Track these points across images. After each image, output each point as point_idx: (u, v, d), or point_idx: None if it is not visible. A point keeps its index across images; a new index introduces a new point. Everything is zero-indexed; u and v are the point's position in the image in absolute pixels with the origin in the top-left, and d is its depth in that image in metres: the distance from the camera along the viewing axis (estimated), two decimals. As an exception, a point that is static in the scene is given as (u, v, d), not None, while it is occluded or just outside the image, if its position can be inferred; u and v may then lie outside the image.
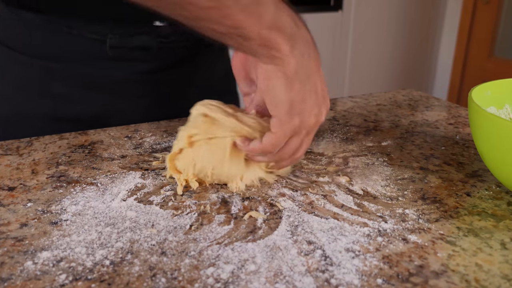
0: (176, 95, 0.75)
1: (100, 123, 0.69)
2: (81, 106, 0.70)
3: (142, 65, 0.70)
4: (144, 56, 0.69)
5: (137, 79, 0.71)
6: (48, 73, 0.67)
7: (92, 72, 0.68)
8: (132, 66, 0.70)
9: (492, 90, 0.56)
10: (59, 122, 0.69)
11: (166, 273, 0.36)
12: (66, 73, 0.68)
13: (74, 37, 0.65)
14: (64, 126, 0.67)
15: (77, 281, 0.35)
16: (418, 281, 0.36)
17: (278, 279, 0.36)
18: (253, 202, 0.47)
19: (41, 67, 0.67)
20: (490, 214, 0.46)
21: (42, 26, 0.65)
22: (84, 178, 0.52)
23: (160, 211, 0.45)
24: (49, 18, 0.64)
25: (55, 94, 0.68)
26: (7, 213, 0.45)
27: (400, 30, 2.81)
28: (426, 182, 0.52)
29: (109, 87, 0.70)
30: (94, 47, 0.66)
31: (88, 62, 0.68)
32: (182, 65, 0.74)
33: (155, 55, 0.70)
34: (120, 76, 0.70)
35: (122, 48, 0.67)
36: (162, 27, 0.67)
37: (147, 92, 0.72)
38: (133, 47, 0.68)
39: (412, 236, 0.41)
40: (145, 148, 0.61)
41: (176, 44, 0.71)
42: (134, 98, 0.72)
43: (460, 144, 0.64)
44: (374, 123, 0.72)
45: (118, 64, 0.69)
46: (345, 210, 0.46)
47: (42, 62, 0.67)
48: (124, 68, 0.69)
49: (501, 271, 0.37)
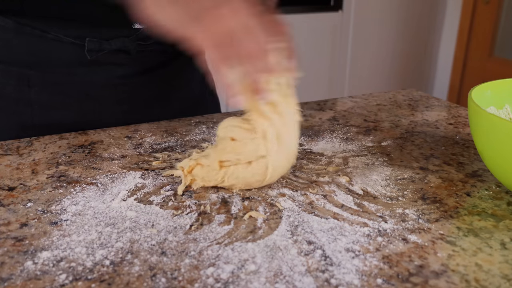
0: (156, 98, 0.75)
1: (79, 129, 0.68)
2: (60, 113, 0.68)
3: (122, 69, 0.69)
4: (123, 60, 0.68)
5: (117, 83, 0.70)
6: (25, 81, 0.65)
7: (70, 78, 0.67)
8: (111, 71, 0.68)
9: (492, 90, 0.56)
10: (38, 130, 0.67)
11: (166, 273, 0.36)
12: (43, 80, 0.66)
13: (50, 41, 0.64)
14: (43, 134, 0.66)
15: (77, 281, 0.35)
16: (418, 281, 0.36)
17: (278, 279, 0.36)
18: (253, 202, 0.47)
19: (17, 74, 0.65)
20: (490, 214, 0.46)
21: (15, 30, 0.63)
22: (84, 178, 0.52)
23: (160, 211, 0.45)
24: (21, 21, 0.63)
25: (33, 102, 0.66)
26: (7, 213, 0.45)
27: (400, 30, 2.81)
28: (426, 182, 0.52)
29: (88, 92, 0.68)
30: (72, 51, 0.65)
31: (66, 68, 0.66)
32: (162, 68, 0.73)
33: (135, 59, 0.69)
34: (99, 81, 0.68)
35: (101, 51, 0.66)
36: (141, 29, 0.67)
37: (127, 96, 0.71)
38: (112, 51, 0.66)
39: (412, 236, 0.41)
40: (145, 148, 0.61)
41: (156, 47, 0.70)
42: (114, 103, 0.71)
43: (460, 144, 0.64)
44: (374, 123, 0.72)
45: (96, 69, 0.67)
46: (345, 210, 0.46)
47: (18, 69, 0.65)
48: (103, 72, 0.68)
49: (501, 271, 0.37)
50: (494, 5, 2.66)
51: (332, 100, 0.84)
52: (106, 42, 0.66)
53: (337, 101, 0.84)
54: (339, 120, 0.73)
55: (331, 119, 0.73)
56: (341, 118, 0.74)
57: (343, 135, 0.67)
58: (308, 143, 0.63)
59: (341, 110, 0.78)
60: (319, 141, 0.64)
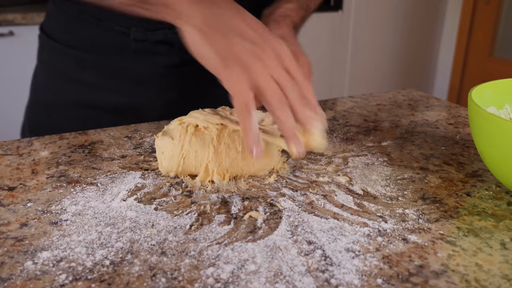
0: (199, 90, 0.77)
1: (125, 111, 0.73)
2: (109, 95, 0.73)
3: (165, 59, 0.72)
4: (166, 51, 0.71)
5: (161, 72, 0.73)
6: (80, 62, 0.73)
7: (118, 64, 0.72)
8: (155, 60, 0.72)
9: (492, 90, 0.56)
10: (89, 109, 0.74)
11: (166, 273, 0.36)
12: (96, 63, 0.72)
13: (104, 29, 0.69)
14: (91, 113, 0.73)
15: (77, 281, 0.35)
16: (418, 281, 0.36)
17: (278, 279, 0.36)
18: (253, 202, 0.47)
19: (74, 56, 0.73)
20: (490, 214, 0.46)
21: (77, 17, 0.70)
22: (84, 178, 0.52)
23: (160, 211, 0.45)
24: (82, 8, 0.69)
25: (85, 82, 0.73)
26: (7, 213, 0.45)
27: (400, 30, 2.81)
28: (426, 182, 0.52)
29: (134, 79, 0.73)
30: (121, 40, 0.70)
31: (114, 54, 0.71)
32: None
33: (178, 50, 0.71)
34: (145, 68, 0.72)
35: (146, 41, 0.70)
36: None
37: (171, 86, 0.75)
38: (156, 41, 0.70)
39: (412, 236, 0.41)
40: (145, 148, 0.61)
41: None
42: (158, 91, 0.75)
43: (460, 144, 0.64)
44: (374, 123, 0.72)
45: (142, 57, 0.72)
46: (345, 210, 0.46)
47: (76, 52, 0.72)
48: (148, 61, 0.72)
49: (501, 271, 0.37)
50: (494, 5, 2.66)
51: (332, 100, 0.84)
52: (151, 33, 0.69)
53: (337, 101, 0.84)
54: (339, 120, 0.73)
55: (331, 119, 0.73)
56: (341, 118, 0.74)
57: (343, 135, 0.67)
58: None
59: (341, 110, 0.78)
60: (319, 141, 0.64)
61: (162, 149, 0.52)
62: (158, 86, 0.74)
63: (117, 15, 0.67)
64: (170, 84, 0.75)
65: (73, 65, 0.73)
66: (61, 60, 0.74)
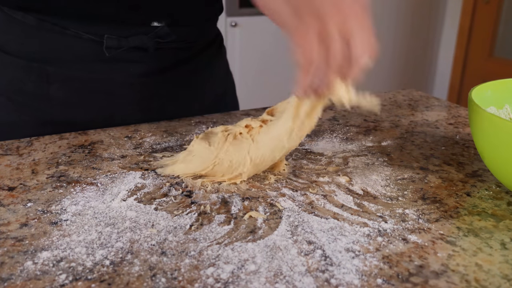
0: (174, 97, 0.74)
1: (98, 126, 0.68)
2: (78, 110, 0.69)
3: (140, 67, 0.69)
4: (141, 57, 0.68)
5: (135, 81, 0.70)
6: (45, 77, 0.66)
7: (88, 75, 0.67)
8: (129, 68, 0.68)
9: (492, 90, 0.56)
10: (58, 126, 0.68)
11: (166, 273, 0.36)
12: (62, 77, 0.66)
13: (69, 37, 0.64)
14: (61, 130, 0.67)
15: (77, 281, 0.35)
16: (418, 281, 0.36)
17: (278, 279, 0.36)
18: (253, 202, 0.47)
19: (37, 70, 0.66)
20: (490, 214, 0.46)
21: (36, 26, 0.64)
22: (84, 178, 0.52)
23: (160, 211, 0.45)
24: (42, 17, 0.63)
25: (52, 98, 0.67)
26: (7, 213, 0.45)
27: (400, 30, 2.81)
28: (426, 182, 0.52)
29: (106, 90, 0.69)
30: (90, 48, 0.65)
31: (84, 64, 0.66)
32: (180, 66, 0.73)
33: (153, 56, 0.69)
34: (117, 78, 0.68)
35: (119, 48, 0.66)
36: (159, 27, 0.67)
37: (145, 95, 0.71)
38: (130, 48, 0.66)
39: (412, 236, 0.41)
40: (145, 148, 0.61)
41: (174, 45, 0.70)
42: (132, 101, 0.71)
43: (460, 144, 0.64)
44: (374, 123, 0.72)
45: (115, 66, 0.68)
46: (345, 210, 0.46)
47: (39, 65, 0.66)
48: (121, 70, 0.68)
49: (501, 271, 0.37)
50: (494, 5, 2.66)
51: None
52: (125, 40, 0.66)
53: (337, 101, 0.84)
54: (339, 120, 0.73)
55: (331, 119, 0.73)
56: (341, 118, 0.74)
57: (343, 135, 0.67)
58: (308, 143, 0.63)
59: (341, 110, 0.78)
60: (319, 141, 0.64)
61: (194, 152, 0.52)
62: (131, 96, 0.70)
63: (84, 23, 0.63)
64: (143, 93, 0.71)
65: (37, 81, 0.66)
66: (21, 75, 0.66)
